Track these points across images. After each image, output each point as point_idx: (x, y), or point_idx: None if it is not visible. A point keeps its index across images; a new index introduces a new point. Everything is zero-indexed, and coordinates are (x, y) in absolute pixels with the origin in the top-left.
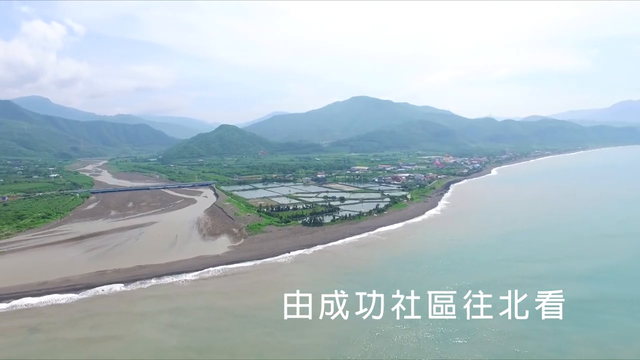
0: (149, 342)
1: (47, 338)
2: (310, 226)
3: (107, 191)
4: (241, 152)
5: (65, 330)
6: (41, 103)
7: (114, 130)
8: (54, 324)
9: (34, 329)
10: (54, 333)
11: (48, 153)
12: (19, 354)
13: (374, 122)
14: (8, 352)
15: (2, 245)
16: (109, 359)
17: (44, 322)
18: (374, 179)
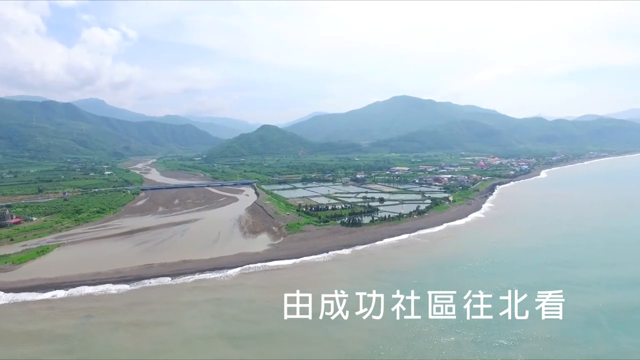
0: (195, 328)
1: (100, 323)
2: (349, 226)
3: (156, 188)
4: (281, 152)
5: (117, 317)
6: (97, 105)
7: (162, 130)
8: (107, 311)
9: (89, 315)
10: (107, 319)
11: (103, 152)
12: (75, 337)
13: (415, 122)
14: (65, 335)
15: (62, 237)
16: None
17: (98, 309)
18: (415, 180)
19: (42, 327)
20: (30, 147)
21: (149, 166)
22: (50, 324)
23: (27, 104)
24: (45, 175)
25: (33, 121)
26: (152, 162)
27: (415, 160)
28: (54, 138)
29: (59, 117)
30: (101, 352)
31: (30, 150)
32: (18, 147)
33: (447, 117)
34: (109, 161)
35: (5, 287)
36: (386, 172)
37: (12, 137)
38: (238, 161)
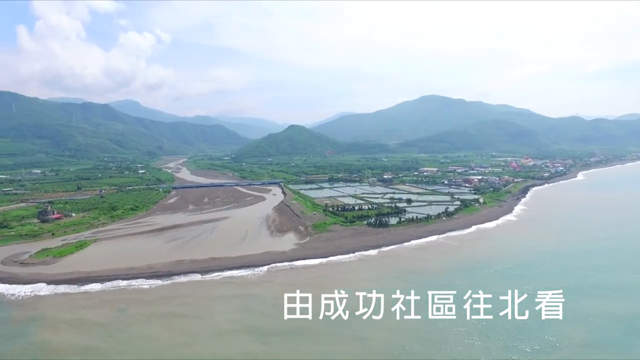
0: (224, 322)
1: (135, 314)
2: (376, 227)
3: (186, 187)
4: (309, 151)
5: (150, 309)
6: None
7: (193, 131)
8: (140, 304)
9: (122, 309)
10: (141, 310)
11: (137, 151)
12: (112, 326)
13: (444, 122)
14: (104, 324)
15: (98, 233)
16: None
17: (132, 301)
18: (444, 181)
19: (82, 316)
20: (70, 147)
21: (180, 165)
22: (89, 313)
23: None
24: (83, 173)
25: (73, 122)
26: (183, 162)
27: (445, 161)
28: (92, 138)
29: (97, 118)
30: (137, 340)
31: (70, 149)
32: (59, 146)
33: (478, 117)
34: (142, 160)
35: (47, 279)
36: (414, 172)
37: (54, 137)
38: (266, 161)
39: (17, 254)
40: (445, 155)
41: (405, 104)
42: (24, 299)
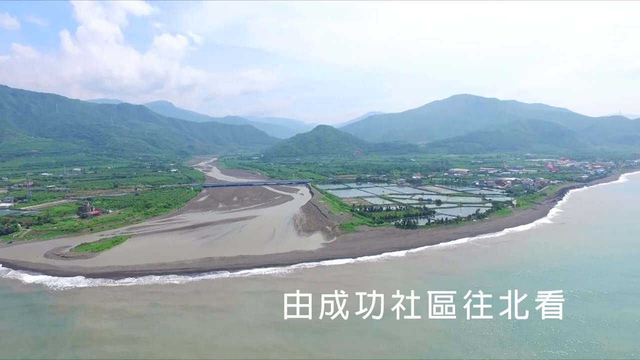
0: (252, 316)
1: (168, 306)
2: (404, 228)
3: (216, 186)
4: (336, 151)
5: (182, 302)
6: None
7: (224, 130)
8: (173, 297)
9: (155, 303)
10: (173, 303)
11: (170, 150)
12: (148, 316)
13: (476, 122)
14: (140, 314)
15: (133, 229)
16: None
17: (164, 296)
18: (475, 183)
19: (119, 308)
20: (108, 146)
21: (210, 164)
22: (125, 305)
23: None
24: (120, 171)
25: (111, 122)
26: (213, 161)
27: (476, 162)
28: (128, 137)
29: (132, 118)
30: (172, 331)
31: (108, 148)
32: (98, 145)
33: (512, 117)
34: (175, 159)
35: (86, 273)
36: (444, 173)
37: (93, 136)
38: (294, 160)
39: (58, 247)
40: (476, 156)
41: (435, 104)
42: (65, 290)
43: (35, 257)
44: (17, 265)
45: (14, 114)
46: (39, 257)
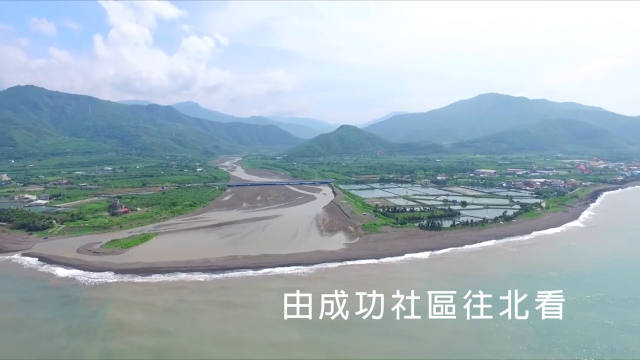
0: (278, 312)
1: (194, 301)
2: (428, 230)
3: (240, 185)
4: (360, 151)
5: (207, 299)
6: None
7: (248, 131)
8: (198, 295)
9: (181, 299)
10: (200, 298)
11: (196, 150)
12: (176, 310)
13: (503, 122)
14: (168, 308)
15: (160, 227)
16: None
17: (189, 293)
18: (502, 184)
19: (149, 301)
20: (137, 145)
21: (235, 164)
22: (154, 299)
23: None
24: (148, 170)
25: (140, 123)
26: (238, 160)
27: (503, 163)
28: (156, 137)
29: (160, 119)
30: (199, 324)
31: (137, 148)
32: (128, 145)
33: (541, 116)
34: (200, 159)
35: (115, 268)
36: (470, 174)
37: (123, 136)
38: (317, 160)
39: (90, 243)
40: (503, 156)
41: (461, 103)
42: (96, 285)
43: (68, 253)
44: (52, 259)
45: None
46: (72, 253)
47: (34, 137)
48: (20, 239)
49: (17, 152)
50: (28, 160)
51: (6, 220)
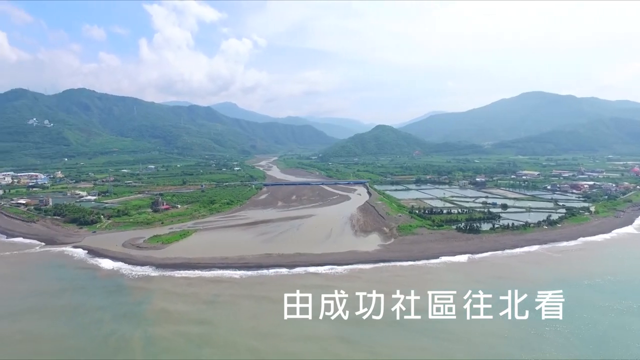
0: (314, 309)
1: (231, 295)
2: (465, 232)
3: (276, 184)
4: (395, 152)
5: (243, 295)
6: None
7: (284, 130)
8: (234, 290)
9: (218, 293)
10: (236, 294)
11: (233, 150)
12: (216, 302)
13: (548, 121)
14: (209, 300)
15: (199, 224)
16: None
17: (226, 288)
18: (546, 186)
19: (189, 293)
20: (178, 145)
21: (271, 163)
22: (193, 292)
23: (177, 108)
24: (188, 169)
25: (181, 123)
26: (273, 160)
27: (548, 164)
28: (196, 137)
29: (200, 119)
30: (238, 315)
31: (178, 147)
32: (170, 144)
33: (591, 115)
34: (238, 158)
35: (156, 263)
36: (511, 176)
37: (166, 136)
38: (352, 160)
39: (134, 238)
40: (548, 157)
41: (503, 102)
42: (139, 277)
43: (114, 246)
44: (100, 252)
45: (99, 115)
46: (117, 246)
47: (85, 136)
48: (72, 232)
49: (70, 151)
50: (79, 159)
51: (60, 214)
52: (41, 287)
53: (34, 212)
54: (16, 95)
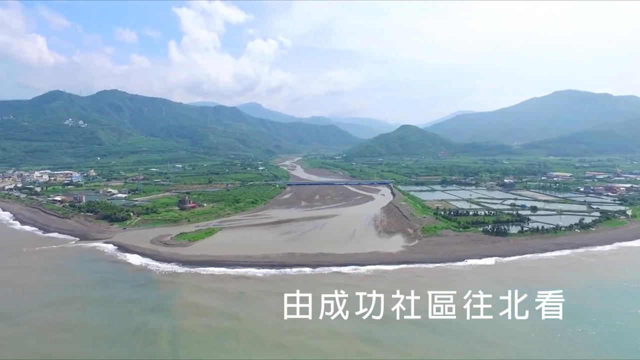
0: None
1: (256, 291)
2: (492, 235)
3: (300, 184)
4: (420, 152)
5: (268, 291)
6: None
7: (308, 130)
8: (258, 287)
9: (241, 292)
10: (261, 291)
11: (258, 149)
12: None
13: (581, 121)
14: (227, 302)
15: (224, 222)
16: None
17: (251, 285)
18: (579, 189)
19: (215, 288)
20: (205, 145)
21: (295, 163)
22: (219, 287)
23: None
24: (214, 168)
25: (207, 123)
26: (297, 160)
27: (581, 166)
28: (222, 137)
29: (226, 119)
30: (263, 311)
31: (204, 147)
32: (196, 144)
33: (629, 114)
34: (262, 158)
35: (183, 260)
36: (541, 177)
37: (192, 136)
38: (376, 161)
39: (161, 235)
40: (581, 158)
41: (534, 101)
42: (166, 273)
43: (143, 243)
44: (129, 248)
45: (130, 116)
46: (146, 243)
47: (116, 136)
48: (104, 228)
49: (103, 150)
50: (111, 158)
51: (92, 211)
52: (77, 280)
53: (68, 208)
54: (53, 96)
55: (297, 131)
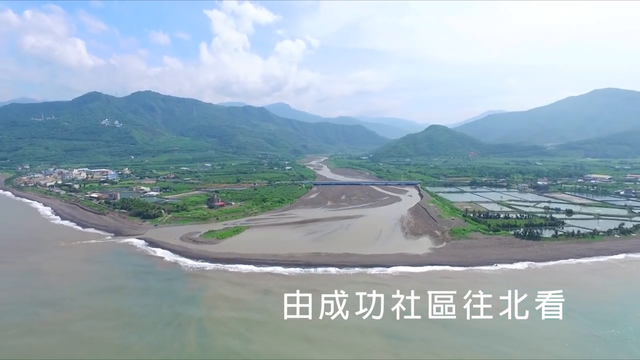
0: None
1: (281, 291)
2: (524, 239)
3: (326, 184)
4: (449, 153)
5: (294, 287)
6: (283, 108)
7: (335, 130)
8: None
9: (268, 290)
10: (288, 287)
11: (285, 149)
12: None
13: (623, 121)
14: (255, 295)
15: (251, 221)
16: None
17: (275, 286)
18: (619, 192)
19: (245, 283)
20: (233, 144)
21: (321, 163)
22: (247, 282)
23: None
24: (242, 168)
25: (236, 123)
26: (324, 160)
27: (621, 168)
28: (250, 137)
29: (254, 119)
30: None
31: (233, 146)
32: (225, 144)
33: None
34: (289, 157)
35: (211, 257)
36: (578, 179)
37: (221, 136)
38: (403, 161)
39: (191, 232)
40: (622, 160)
41: (570, 100)
42: (195, 270)
43: (173, 239)
44: (160, 244)
45: (162, 116)
46: (175, 240)
47: (149, 136)
48: (136, 224)
49: (136, 149)
50: (144, 157)
51: (126, 208)
52: (113, 273)
53: (104, 205)
54: (92, 98)
55: (323, 131)
